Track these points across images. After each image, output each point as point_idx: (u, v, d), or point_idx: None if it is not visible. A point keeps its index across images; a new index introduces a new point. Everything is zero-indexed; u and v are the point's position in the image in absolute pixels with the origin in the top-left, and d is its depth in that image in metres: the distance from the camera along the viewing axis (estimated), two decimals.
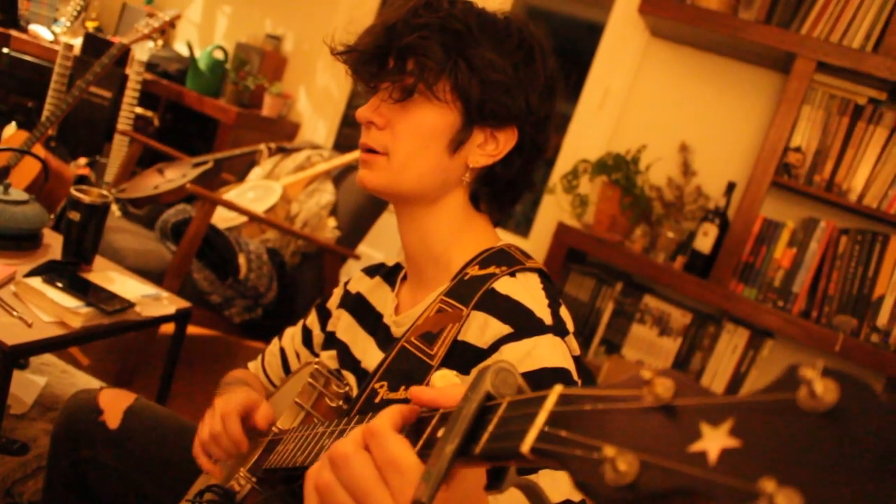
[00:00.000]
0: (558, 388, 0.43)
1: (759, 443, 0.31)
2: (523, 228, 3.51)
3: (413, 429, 0.55)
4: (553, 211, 3.15)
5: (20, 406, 1.94)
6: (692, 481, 0.32)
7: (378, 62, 0.98)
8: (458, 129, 0.97)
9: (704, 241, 2.68)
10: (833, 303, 2.55)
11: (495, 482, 0.49)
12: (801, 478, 0.29)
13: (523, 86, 0.98)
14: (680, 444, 0.33)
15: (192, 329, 1.93)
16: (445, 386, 0.55)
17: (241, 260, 2.58)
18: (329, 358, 1.15)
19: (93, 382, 2.27)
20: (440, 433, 0.50)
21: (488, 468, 0.50)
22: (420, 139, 0.97)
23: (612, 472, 0.34)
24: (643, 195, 2.85)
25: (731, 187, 2.71)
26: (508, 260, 1.00)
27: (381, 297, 1.15)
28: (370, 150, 1.00)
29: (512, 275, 0.97)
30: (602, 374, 2.78)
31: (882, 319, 2.48)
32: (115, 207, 2.96)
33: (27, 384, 2.04)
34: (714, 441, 0.32)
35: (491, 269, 0.98)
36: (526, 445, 0.41)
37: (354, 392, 1.02)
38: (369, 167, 1.00)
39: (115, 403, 1.26)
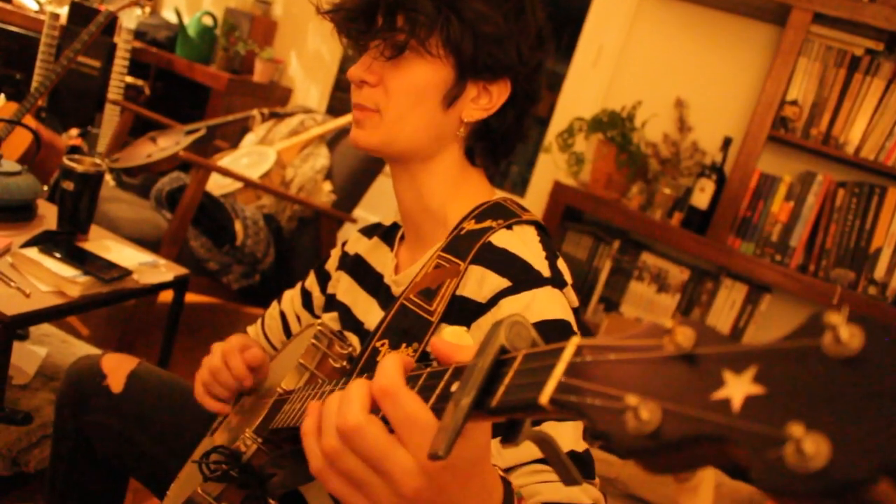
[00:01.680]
0: (576, 340, 0.42)
1: (783, 389, 0.31)
2: (520, 189, 3.50)
3: (425, 384, 0.54)
4: (549, 170, 3.14)
5: (22, 377, 1.94)
6: (717, 428, 0.31)
7: (366, 19, 0.96)
8: (451, 84, 0.96)
9: (701, 197, 2.67)
10: (830, 256, 2.56)
11: (511, 436, 0.49)
12: (827, 423, 0.28)
13: (515, 37, 0.96)
14: (703, 391, 0.33)
15: (190, 297, 1.93)
16: (461, 345, 0.55)
17: (238, 226, 2.57)
18: (331, 320, 1.14)
19: (93, 352, 2.26)
20: (454, 387, 0.50)
21: (504, 422, 0.49)
22: (413, 96, 0.95)
23: (635, 420, 0.34)
24: (639, 152, 2.84)
25: (727, 142, 2.70)
26: (505, 213, 1.00)
27: (380, 257, 1.15)
28: (362, 109, 0.99)
29: (509, 228, 0.96)
30: (600, 331, 2.79)
31: (879, 272, 2.49)
32: (109, 177, 2.94)
33: (28, 355, 2.04)
34: (737, 388, 0.32)
35: (487, 223, 0.97)
36: (545, 396, 0.41)
37: (358, 353, 1.02)
38: (362, 126, 0.99)
39: (118, 367, 1.27)
